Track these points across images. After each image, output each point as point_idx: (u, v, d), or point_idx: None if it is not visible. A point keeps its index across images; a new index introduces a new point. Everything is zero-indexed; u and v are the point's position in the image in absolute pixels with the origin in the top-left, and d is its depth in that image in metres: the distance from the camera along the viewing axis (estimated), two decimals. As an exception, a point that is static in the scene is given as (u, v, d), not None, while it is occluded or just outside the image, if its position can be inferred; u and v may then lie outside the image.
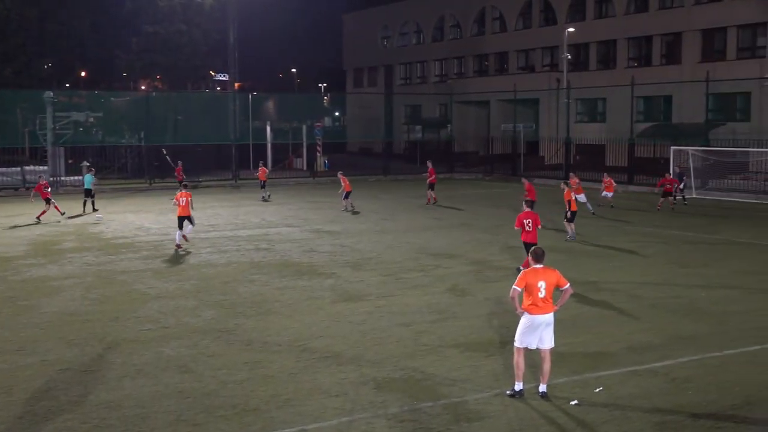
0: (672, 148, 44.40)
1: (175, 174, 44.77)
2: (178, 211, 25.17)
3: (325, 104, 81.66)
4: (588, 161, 55.25)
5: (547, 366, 11.57)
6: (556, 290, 11.68)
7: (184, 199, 25.16)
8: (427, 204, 38.42)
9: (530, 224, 20.10)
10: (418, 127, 77.73)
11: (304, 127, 62.40)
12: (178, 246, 24.92)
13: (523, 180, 31.67)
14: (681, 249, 25.21)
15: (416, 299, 17.91)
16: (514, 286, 11.53)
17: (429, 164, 40.18)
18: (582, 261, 22.96)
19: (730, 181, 43.71)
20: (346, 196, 36.09)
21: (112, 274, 21.12)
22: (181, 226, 25.21)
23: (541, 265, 11.65)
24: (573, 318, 15.95)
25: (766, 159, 42.44)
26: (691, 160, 43.58)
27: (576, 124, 62.89)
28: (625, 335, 14.83)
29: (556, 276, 11.63)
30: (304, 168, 60.55)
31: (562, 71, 61.50)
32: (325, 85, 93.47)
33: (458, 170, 61.69)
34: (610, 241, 26.48)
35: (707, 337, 14.68)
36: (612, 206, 36.34)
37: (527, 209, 20.26)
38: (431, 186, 38.98)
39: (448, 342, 14.43)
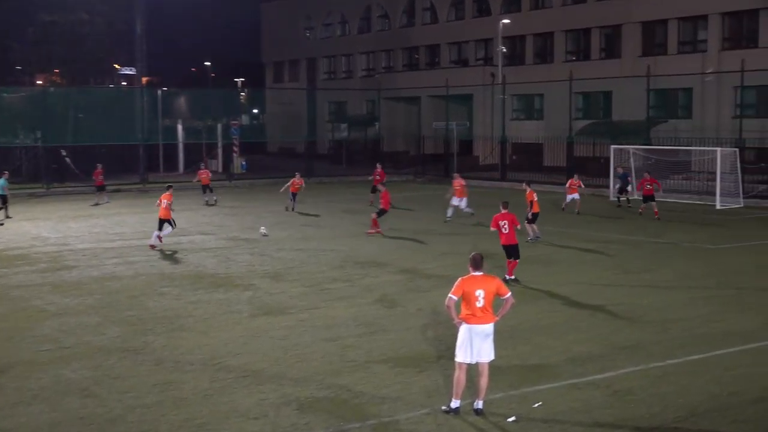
0: (612, 147, 45.36)
1: (93, 177, 43.55)
2: (159, 213, 27.09)
3: (243, 101, 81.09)
4: (525, 161, 56.10)
5: (484, 381, 11.65)
6: (496, 299, 11.80)
7: (166, 201, 27.06)
8: (370, 205, 39.43)
9: (506, 226, 20.39)
10: (344, 126, 77.88)
11: (220, 126, 61.87)
12: (152, 246, 26.50)
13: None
14: (623, 253, 25.74)
15: (342, 311, 17.90)
16: (450, 295, 11.60)
17: (378, 167, 41.08)
18: (520, 267, 23.24)
19: (672, 181, 44.83)
20: (293, 198, 37.74)
21: (5, 289, 20.59)
22: (160, 228, 27.01)
23: (480, 272, 11.73)
24: (510, 329, 16.12)
25: (709, 158, 43.62)
26: (632, 160, 44.57)
27: (512, 121, 63.75)
28: (565, 346, 15.06)
29: (496, 284, 11.71)
30: (220, 170, 60.01)
31: (497, 65, 62.31)
32: (242, 80, 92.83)
33: (387, 171, 61.65)
34: (549, 247, 26.87)
35: (650, 346, 15.00)
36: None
37: (503, 210, 20.58)
38: (376, 189, 39.56)
39: (376, 357, 14.45)
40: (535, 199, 27.75)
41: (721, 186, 39.82)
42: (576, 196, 36.48)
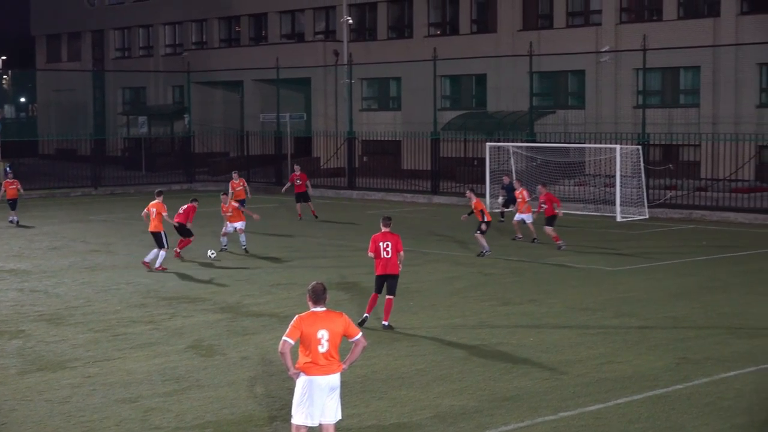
0: (488, 144, 46.39)
1: None
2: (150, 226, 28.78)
3: (5, 86, 78.93)
4: (378, 164, 56.63)
5: (329, 448, 11.76)
6: (344, 342, 11.88)
7: (155, 210, 28.67)
8: (299, 219, 40.41)
9: (389, 249, 20.05)
10: (143, 119, 76.74)
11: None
12: (162, 268, 28.23)
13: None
14: (502, 280, 26.41)
15: (143, 363, 17.68)
16: (284, 338, 11.58)
17: (297, 169, 41.85)
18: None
19: (563, 187, 46.18)
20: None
21: None
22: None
23: (323, 308, 11.78)
24: (362, 379, 16.29)
25: (607, 158, 45.23)
26: (512, 160, 45.70)
27: (362, 112, 64.36)
28: (431, 399, 15.33)
29: (343, 323, 11.77)
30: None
31: (342, 41, 62.80)
32: (3, 58, 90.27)
33: (201, 179, 61.53)
34: (410, 274, 27.29)
35: (537, 396, 15.44)
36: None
37: (384, 228, 20.17)
38: (301, 197, 41.32)
39: (190, 422, 14.36)
40: (484, 207, 30.36)
41: (621, 193, 41.37)
42: (527, 217, 33.82)
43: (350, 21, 62.13)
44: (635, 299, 23.61)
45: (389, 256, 19.97)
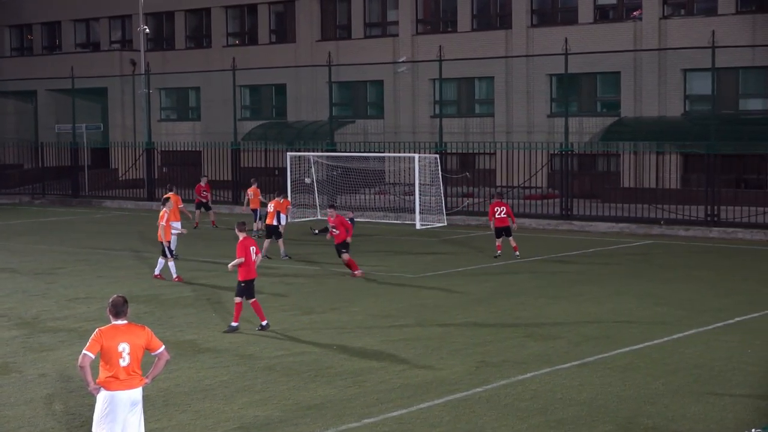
0: (288, 153, 46.56)
1: None
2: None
3: None
4: (179, 174, 56.02)
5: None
6: (146, 356, 11.76)
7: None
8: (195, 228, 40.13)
9: (254, 253, 21.15)
10: None
11: None
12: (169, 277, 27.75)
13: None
14: (302, 289, 26.56)
15: (-66, 384, 17.05)
16: (84, 352, 11.41)
17: (203, 180, 42.55)
18: (173, 313, 23.29)
19: (363, 196, 46.75)
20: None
21: None
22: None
23: (124, 321, 11.65)
24: (165, 392, 16.12)
25: (406, 167, 46.00)
26: (313, 169, 46.00)
27: (161, 123, 63.65)
28: (235, 411, 15.29)
29: (146, 336, 11.69)
30: None
31: (139, 50, 61.92)
32: None
33: (-7, 191, 59.57)
34: (209, 287, 27.11)
35: (341, 404, 15.59)
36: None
37: (241, 234, 21.33)
38: (203, 206, 41.89)
39: (-15, 443, 13.92)
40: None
41: (421, 201, 42.17)
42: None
43: (147, 30, 61.24)
44: (435, 305, 24.06)
45: (254, 259, 21.23)
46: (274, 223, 32.00)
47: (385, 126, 56.24)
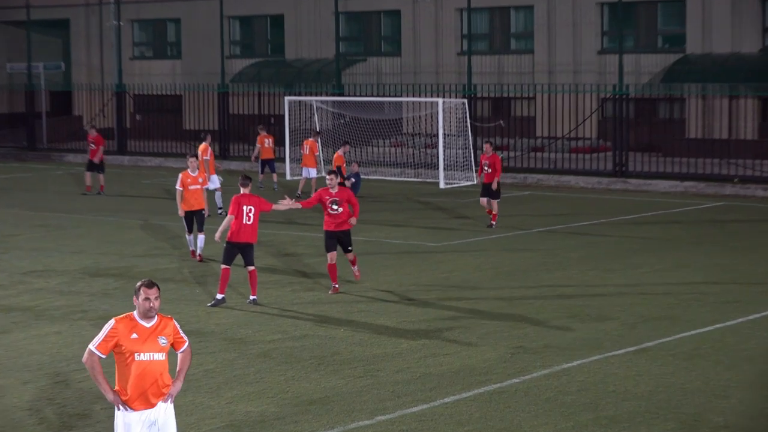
0: (287, 98, 46.20)
1: None
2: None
3: None
4: (155, 123, 55.90)
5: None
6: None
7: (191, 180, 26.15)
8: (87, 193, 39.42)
9: (251, 214, 20.98)
10: None
11: None
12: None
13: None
14: (306, 260, 26.45)
15: None
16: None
17: (92, 131, 41.28)
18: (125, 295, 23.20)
19: (378, 149, 46.46)
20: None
21: None
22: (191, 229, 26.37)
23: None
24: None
25: (428, 113, 45.68)
26: (316, 117, 45.68)
27: (134, 61, 63.36)
28: (223, 406, 15.24)
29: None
30: None
31: (108, -26, 61.76)
32: None
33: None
34: (170, 260, 27.09)
35: (350, 397, 15.47)
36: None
37: (244, 189, 21.28)
38: (94, 166, 40.27)
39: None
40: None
41: (445, 155, 41.82)
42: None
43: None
44: (462, 280, 23.98)
45: (251, 222, 21.04)
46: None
47: (403, 65, 55.86)
